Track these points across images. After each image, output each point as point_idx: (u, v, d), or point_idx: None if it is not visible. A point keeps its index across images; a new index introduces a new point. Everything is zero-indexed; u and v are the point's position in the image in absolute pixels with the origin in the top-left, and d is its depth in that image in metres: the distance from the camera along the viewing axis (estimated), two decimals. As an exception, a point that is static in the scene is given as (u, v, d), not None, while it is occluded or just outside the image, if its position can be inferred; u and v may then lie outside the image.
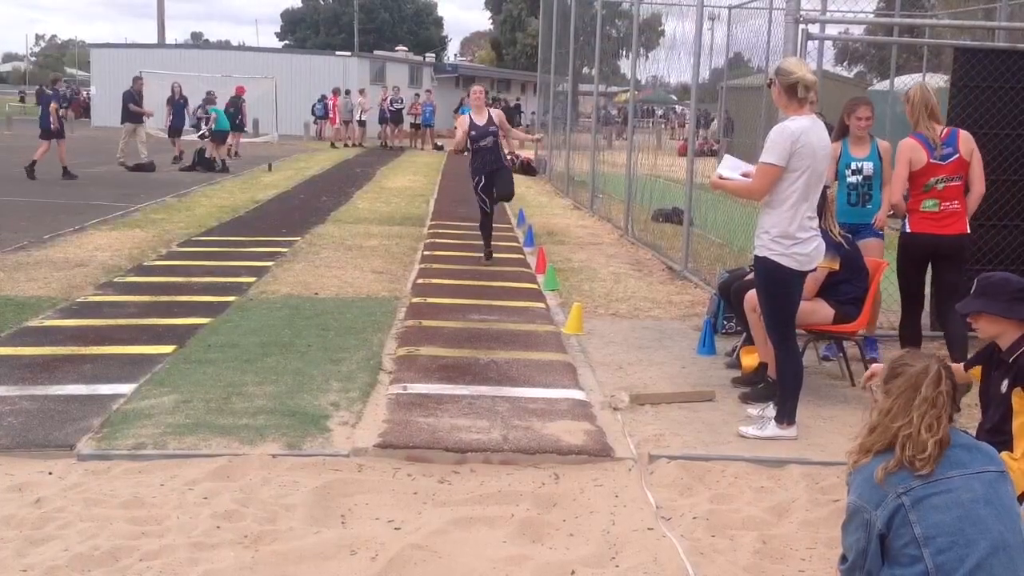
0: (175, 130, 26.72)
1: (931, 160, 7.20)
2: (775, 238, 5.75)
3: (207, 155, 24.84)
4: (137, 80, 24.93)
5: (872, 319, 7.99)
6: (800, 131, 5.66)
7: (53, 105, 21.38)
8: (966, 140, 7.31)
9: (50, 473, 5.20)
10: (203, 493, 4.98)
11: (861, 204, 7.76)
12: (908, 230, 7.38)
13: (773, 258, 5.77)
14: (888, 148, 7.86)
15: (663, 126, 40.28)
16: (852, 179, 7.71)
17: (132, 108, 24.02)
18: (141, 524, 4.61)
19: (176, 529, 4.56)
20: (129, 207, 16.38)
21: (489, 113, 11.95)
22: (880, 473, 3.12)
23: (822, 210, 6.91)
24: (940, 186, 7.23)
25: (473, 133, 11.72)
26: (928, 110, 7.23)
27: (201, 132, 27.11)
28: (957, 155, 7.25)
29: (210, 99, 27.66)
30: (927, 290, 8.50)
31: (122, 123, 24.48)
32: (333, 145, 37.64)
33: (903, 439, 3.14)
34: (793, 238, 5.73)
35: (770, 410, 6.14)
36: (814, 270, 6.06)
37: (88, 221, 14.43)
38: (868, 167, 7.73)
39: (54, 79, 23.50)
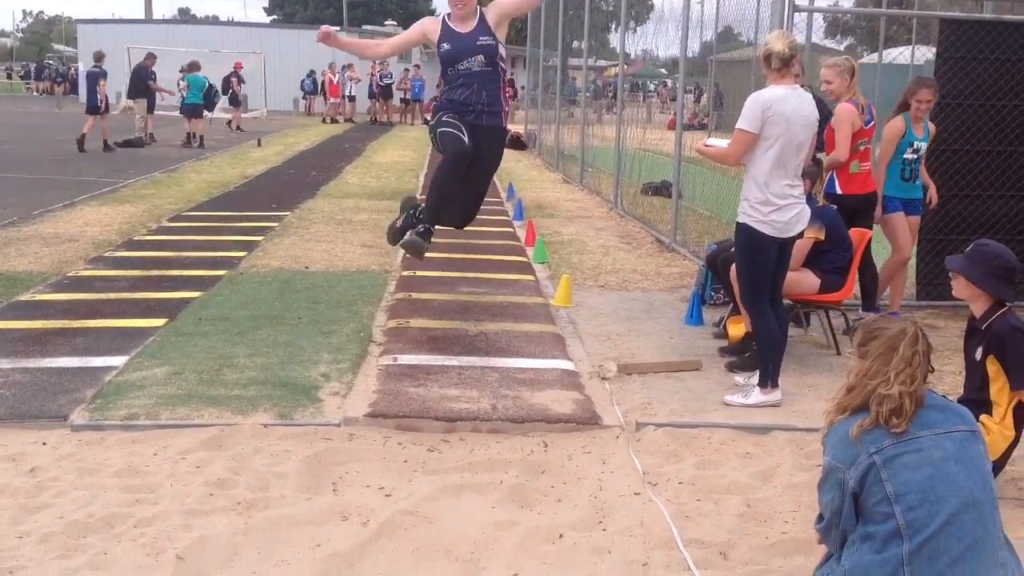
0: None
1: (863, 125, 7.73)
2: (754, 205, 5.88)
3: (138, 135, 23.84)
4: (150, 56, 24.65)
5: (883, 288, 8.20)
6: (773, 100, 5.79)
7: (102, 82, 21.92)
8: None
9: (44, 443, 5.25)
10: (196, 462, 5.04)
11: (912, 180, 8.03)
12: (839, 191, 7.82)
13: (752, 224, 5.89)
14: (935, 130, 8.13)
15: (654, 100, 40.24)
16: (909, 156, 7.96)
17: (152, 87, 23.89)
18: (135, 492, 4.67)
19: (169, 497, 4.63)
20: (118, 183, 16.36)
21: (480, 13, 6.73)
22: (856, 430, 3.20)
23: (813, 178, 7.02)
24: (862, 147, 7.78)
25: (447, 47, 6.57)
26: (856, 78, 7.73)
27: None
28: (873, 121, 7.87)
29: (192, 67, 25.81)
30: (913, 260, 8.62)
31: (131, 99, 24.30)
32: (325, 120, 37.53)
33: (880, 397, 3.22)
34: (771, 204, 5.85)
35: (756, 379, 6.22)
36: (797, 237, 6.14)
37: (77, 197, 14.41)
38: (923, 147, 8.03)
39: (98, 56, 23.21)
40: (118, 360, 6.58)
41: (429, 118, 6.04)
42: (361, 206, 14.63)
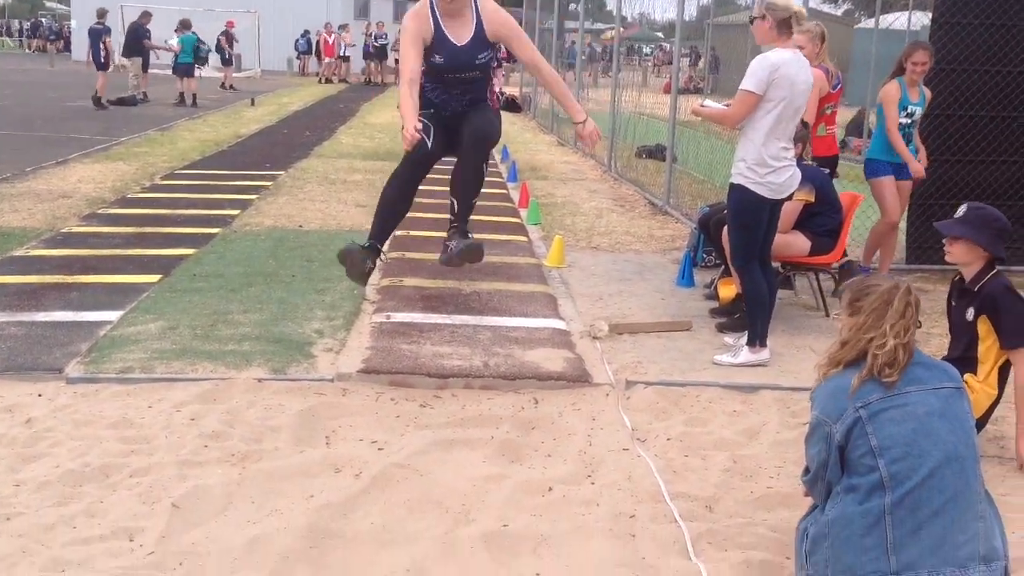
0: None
1: (830, 89, 7.84)
2: (751, 166, 5.90)
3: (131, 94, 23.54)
4: (145, 15, 24.46)
5: (869, 253, 8.27)
6: (781, 63, 5.81)
7: (106, 39, 22.27)
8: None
9: (39, 395, 5.30)
10: (190, 415, 5.10)
11: (905, 144, 8.04)
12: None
13: (748, 186, 5.93)
14: (931, 96, 8.12)
15: (649, 65, 40.10)
16: (904, 120, 7.98)
17: (148, 45, 23.70)
18: (130, 443, 4.73)
19: (164, 448, 4.69)
20: (111, 140, 16.33)
21: (476, 18, 5.77)
22: (856, 382, 3.27)
23: (803, 141, 7.05)
24: (829, 111, 7.92)
25: (439, 61, 5.79)
26: (825, 44, 7.78)
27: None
28: (840, 86, 8.04)
29: (184, 26, 25.50)
30: (903, 224, 8.68)
31: (125, 57, 24.16)
32: (320, 81, 37.36)
33: (875, 349, 3.29)
34: (767, 166, 5.88)
35: (744, 339, 6.28)
36: (787, 199, 6.19)
37: (70, 154, 14.39)
38: (918, 111, 8.06)
39: (101, 13, 23.01)
40: (112, 315, 6.62)
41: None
42: (355, 166, 14.62)
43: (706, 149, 13.16)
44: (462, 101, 5.75)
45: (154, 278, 7.61)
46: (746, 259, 6.14)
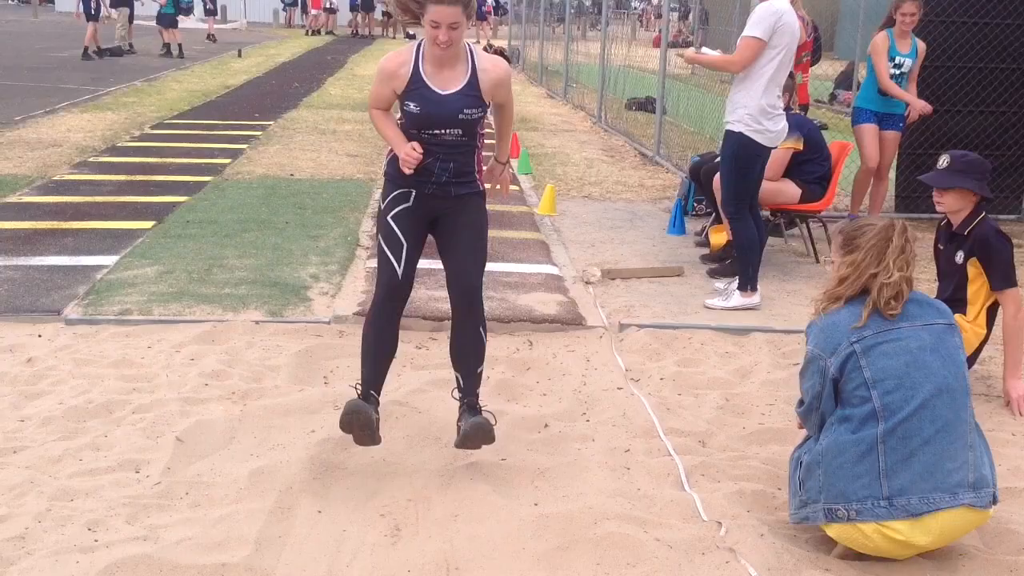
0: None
1: (806, 37, 8.02)
2: (751, 114, 5.95)
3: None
4: None
5: (857, 199, 8.34)
6: (783, 11, 5.93)
7: None
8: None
9: (39, 336, 5.35)
10: (190, 355, 5.16)
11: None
12: None
13: (748, 133, 5.98)
14: (924, 48, 8.13)
15: (638, 20, 39.87)
16: (892, 71, 8.02)
17: None
18: (131, 381, 4.79)
19: (166, 386, 4.75)
20: (99, 91, 16.24)
21: (472, 67, 4.16)
22: (865, 314, 3.34)
23: (790, 91, 7.10)
24: (804, 59, 8.13)
25: (416, 110, 4.11)
26: None
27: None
28: (815, 34, 8.35)
29: None
30: (892, 174, 8.75)
31: (112, 7, 23.90)
32: (307, 32, 37.07)
33: (880, 284, 3.37)
34: (766, 114, 5.96)
35: (735, 284, 6.36)
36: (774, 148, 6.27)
37: (58, 104, 14.32)
38: (908, 63, 8.06)
39: None
40: (108, 259, 6.66)
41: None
42: (344, 117, 14.59)
43: (695, 101, 13.17)
44: (447, 169, 4.14)
45: (148, 224, 7.64)
46: (739, 205, 6.21)
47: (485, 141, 4.34)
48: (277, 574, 3.26)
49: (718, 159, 7.41)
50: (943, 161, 4.84)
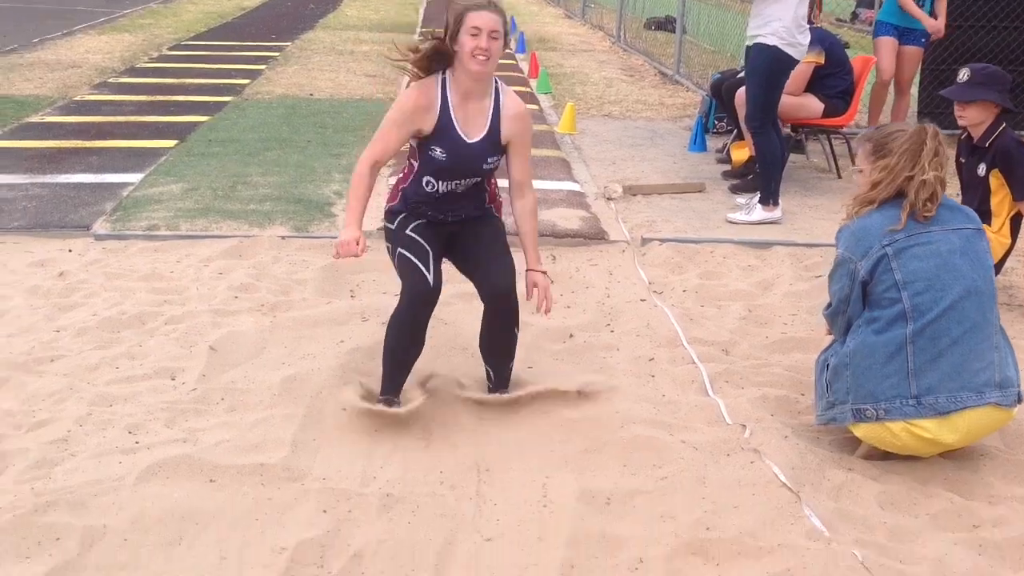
0: None
1: None
2: (786, 27, 5.97)
3: None
4: None
5: (875, 113, 8.28)
6: None
7: None
8: None
9: (70, 251, 5.43)
10: (218, 269, 5.23)
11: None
12: None
13: (782, 47, 6.01)
14: None
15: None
16: None
17: None
18: (162, 294, 4.87)
19: (196, 299, 4.83)
20: (115, 13, 16.18)
21: (495, 109, 3.79)
22: (904, 215, 3.37)
23: (813, 5, 7.04)
24: None
25: (442, 157, 3.74)
26: None
27: None
28: None
29: None
30: (914, 90, 8.69)
31: None
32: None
33: (916, 185, 3.38)
34: (800, 27, 6.02)
35: (757, 199, 6.37)
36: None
37: (75, 26, 14.28)
38: None
39: None
40: (133, 177, 6.72)
41: (384, 220, 4.01)
42: (362, 38, 14.51)
43: (716, 19, 13.04)
44: (460, 210, 3.91)
45: (170, 143, 7.68)
46: (765, 119, 6.20)
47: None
48: (314, 474, 3.35)
49: (740, 75, 7.38)
50: (963, 74, 4.83)
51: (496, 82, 3.80)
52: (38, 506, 3.03)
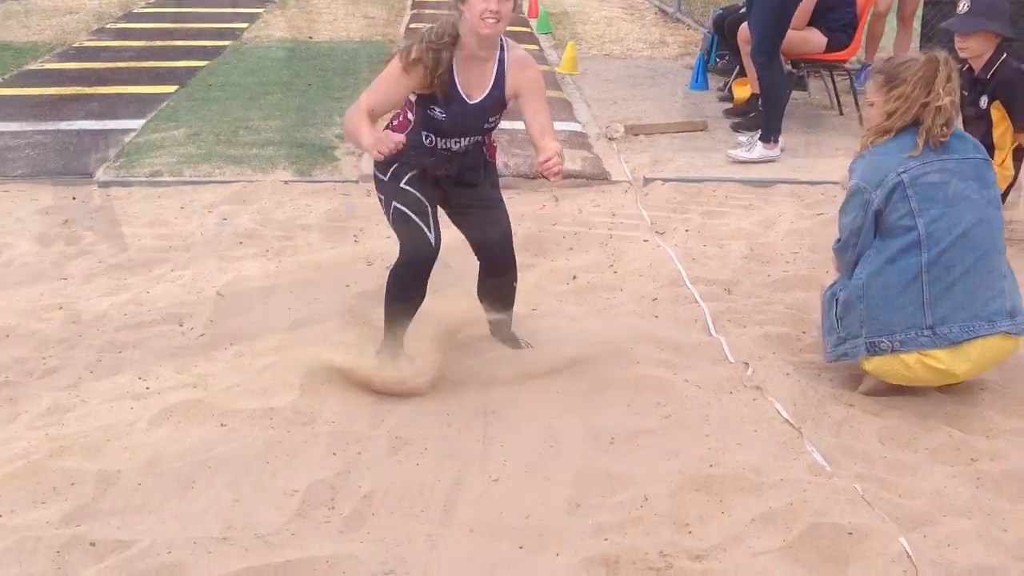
0: None
1: None
2: None
3: None
4: None
5: (872, 47, 8.20)
6: None
7: None
8: None
9: (74, 198, 5.45)
10: (222, 214, 5.25)
11: None
12: None
13: None
14: None
15: None
16: None
17: None
18: (167, 240, 4.90)
19: (201, 244, 4.86)
20: (110, -44, 16.01)
21: (498, 68, 3.64)
22: (921, 141, 3.39)
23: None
24: None
25: (441, 116, 3.63)
26: None
27: None
28: None
29: None
30: (917, 23, 8.61)
31: None
32: None
33: (932, 111, 3.39)
34: None
35: (759, 135, 6.36)
36: None
37: (70, -30, 14.14)
38: None
39: None
40: (135, 123, 6.72)
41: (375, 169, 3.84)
42: (360, -22, 14.38)
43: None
44: (456, 165, 3.79)
45: (171, 88, 7.66)
46: (772, 53, 6.18)
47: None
48: (323, 417, 3.40)
49: (742, 10, 7.33)
50: (963, 6, 4.80)
51: (502, 40, 3.62)
52: (52, 451, 3.09)
